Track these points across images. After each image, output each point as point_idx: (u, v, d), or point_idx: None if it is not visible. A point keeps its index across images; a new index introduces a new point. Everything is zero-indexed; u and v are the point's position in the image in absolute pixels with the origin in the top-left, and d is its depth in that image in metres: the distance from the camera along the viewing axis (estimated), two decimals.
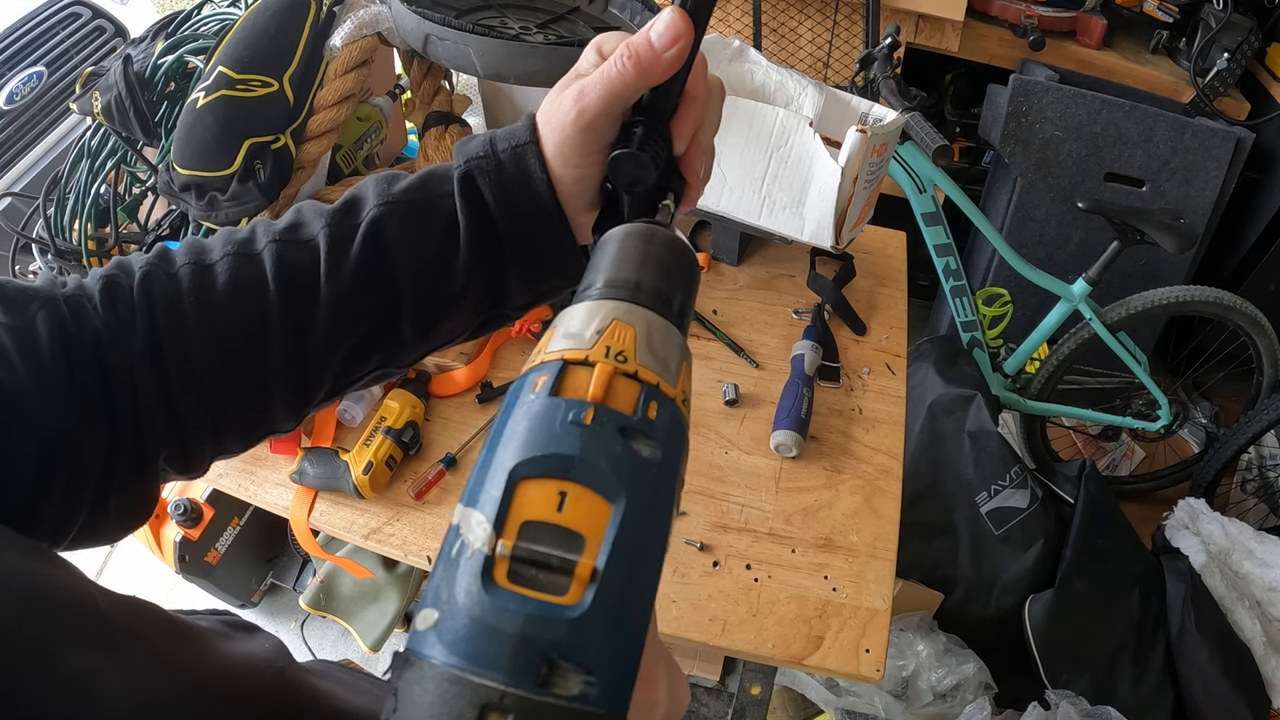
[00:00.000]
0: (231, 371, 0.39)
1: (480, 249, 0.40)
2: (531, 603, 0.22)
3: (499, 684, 0.21)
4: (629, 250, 0.31)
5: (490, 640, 0.21)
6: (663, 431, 0.26)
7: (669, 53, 0.36)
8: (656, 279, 0.30)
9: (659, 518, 0.25)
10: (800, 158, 0.98)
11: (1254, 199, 1.88)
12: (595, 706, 0.22)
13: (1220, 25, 1.73)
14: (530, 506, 0.23)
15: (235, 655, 0.34)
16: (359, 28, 0.94)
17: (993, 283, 1.94)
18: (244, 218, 0.91)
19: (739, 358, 1.06)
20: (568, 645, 0.22)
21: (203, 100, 0.86)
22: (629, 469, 0.24)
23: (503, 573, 0.22)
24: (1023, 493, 1.44)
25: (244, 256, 0.39)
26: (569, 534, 0.23)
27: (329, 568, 1.50)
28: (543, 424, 0.24)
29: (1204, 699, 1.36)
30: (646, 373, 0.26)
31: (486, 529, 0.23)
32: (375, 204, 0.40)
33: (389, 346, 0.42)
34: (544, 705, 0.21)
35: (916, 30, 1.83)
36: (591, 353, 0.26)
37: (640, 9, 1.09)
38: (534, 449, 0.24)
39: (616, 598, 0.23)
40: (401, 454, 0.92)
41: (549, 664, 0.21)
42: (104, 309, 0.37)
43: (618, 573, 0.23)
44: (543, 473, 0.24)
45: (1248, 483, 1.93)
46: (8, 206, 1.17)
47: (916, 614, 1.44)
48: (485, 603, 0.22)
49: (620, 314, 0.28)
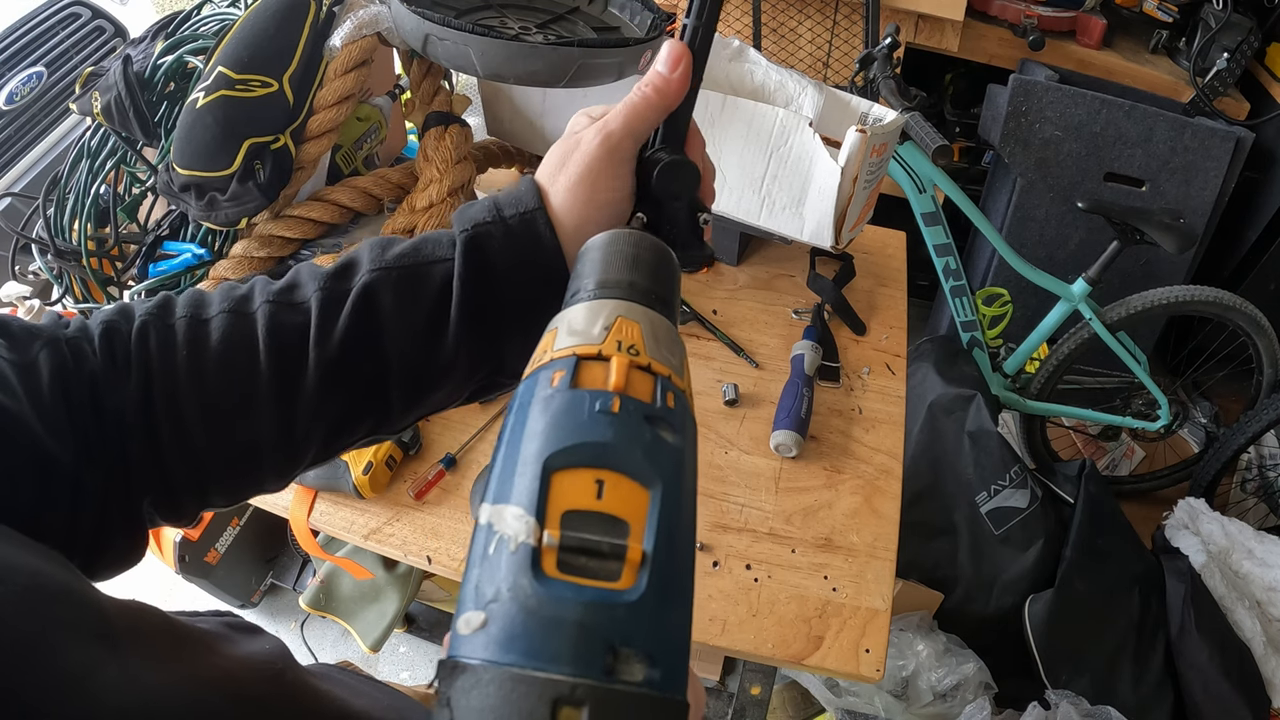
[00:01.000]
0: (219, 429, 0.39)
1: (474, 316, 0.40)
2: (588, 590, 0.22)
3: (568, 676, 0.20)
4: (616, 253, 0.31)
5: (551, 633, 0.21)
6: (680, 420, 0.26)
7: (676, 73, 0.39)
8: (648, 278, 0.31)
9: (690, 502, 0.25)
10: (800, 158, 0.98)
11: (1254, 199, 1.88)
12: (661, 691, 0.21)
13: (1220, 25, 1.73)
14: (570, 495, 0.23)
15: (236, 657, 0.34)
16: (359, 28, 0.94)
17: (992, 283, 1.94)
18: (243, 218, 0.91)
19: (739, 358, 1.06)
20: (629, 631, 0.21)
21: (202, 100, 0.86)
22: (659, 454, 0.24)
23: (552, 563, 0.22)
24: (1023, 493, 1.44)
25: (238, 315, 0.39)
26: (613, 520, 0.23)
27: (329, 568, 1.50)
28: (569, 415, 0.24)
29: (1204, 699, 1.36)
30: (659, 365, 0.27)
31: (527, 521, 0.22)
32: (368, 269, 0.40)
33: (378, 414, 0.42)
34: (615, 693, 0.20)
35: (916, 30, 1.83)
36: (604, 347, 0.27)
37: (640, 9, 1.09)
38: (565, 439, 0.24)
39: (667, 581, 0.23)
40: (401, 454, 0.92)
41: (613, 651, 0.21)
42: (102, 354, 0.38)
43: (665, 556, 0.23)
44: (577, 462, 0.23)
45: (1248, 482, 1.93)
46: (8, 206, 1.17)
47: (916, 614, 1.44)
48: (540, 594, 0.21)
49: (623, 311, 0.28)
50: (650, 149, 0.41)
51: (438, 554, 0.86)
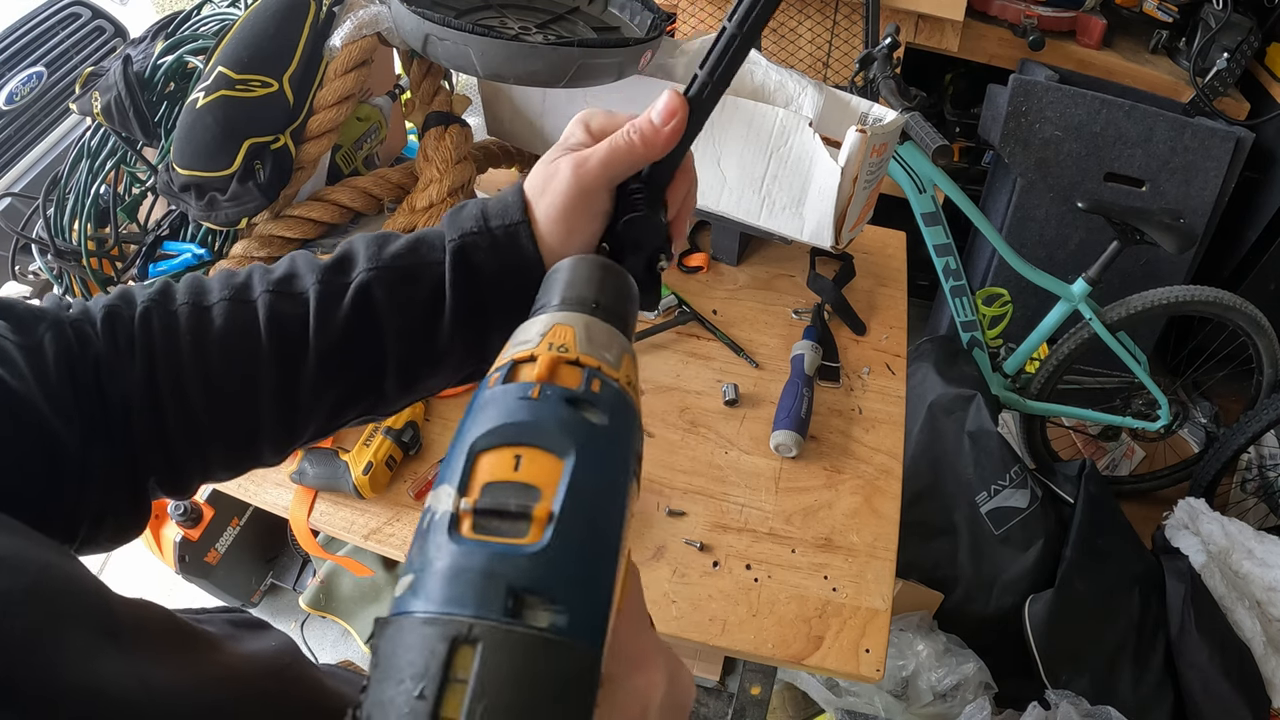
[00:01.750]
0: (222, 412, 0.40)
1: (464, 317, 0.42)
2: (494, 545, 0.24)
3: (467, 617, 0.22)
4: (570, 271, 0.35)
5: (457, 581, 0.23)
6: (607, 403, 0.28)
7: (668, 127, 0.40)
8: (595, 291, 0.34)
9: (612, 475, 0.27)
10: (800, 158, 0.98)
11: (1254, 199, 1.88)
12: (566, 635, 0.23)
13: (1220, 25, 1.73)
14: (489, 470, 0.25)
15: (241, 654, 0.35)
16: (359, 28, 0.94)
17: (992, 283, 1.94)
18: (243, 218, 0.91)
19: (739, 358, 1.06)
20: (531, 578, 0.23)
21: (202, 100, 0.86)
22: (577, 430, 0.26)
23: (468, 526, 0.24)
24: (1023, 493, 1.44)
25: (240, 303, 0.41)
26: (526, 488, 0.25)
27: (329, 568, 1.50)
28: (497, 404, 0.27)
29: (1204, 699, 1.36)
30: (587, 359, 0.29)
31: (452, 494, 0.25)
32: (365, 267, 0.42)
33: (373, 399, 0.44)
34: (512, 634, 0.22)
35: (916, 30, 1.83)
36: (536, 349, 0.29)
37: (640, 9, 1.09)
38: (490, 424, 0.26)
39: (575, 536, 0.24)
40: (401, 454, 0.92)
41: (515, 597, 0.22)
42: (104, 337, 0.39)
43: (574, 515, 0.25)
44: (498, 442, 0.26)
45: (1248, 482, 1.93)
46: (8, 206, 1.17)
47: (916, 614, 1.44)
48: (452, 549, 0.23)
49: (560, 319, 0.31)
50: (634, 185, 0.42)
51: None
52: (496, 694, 0.21)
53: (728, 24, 0.39)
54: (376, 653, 0.23)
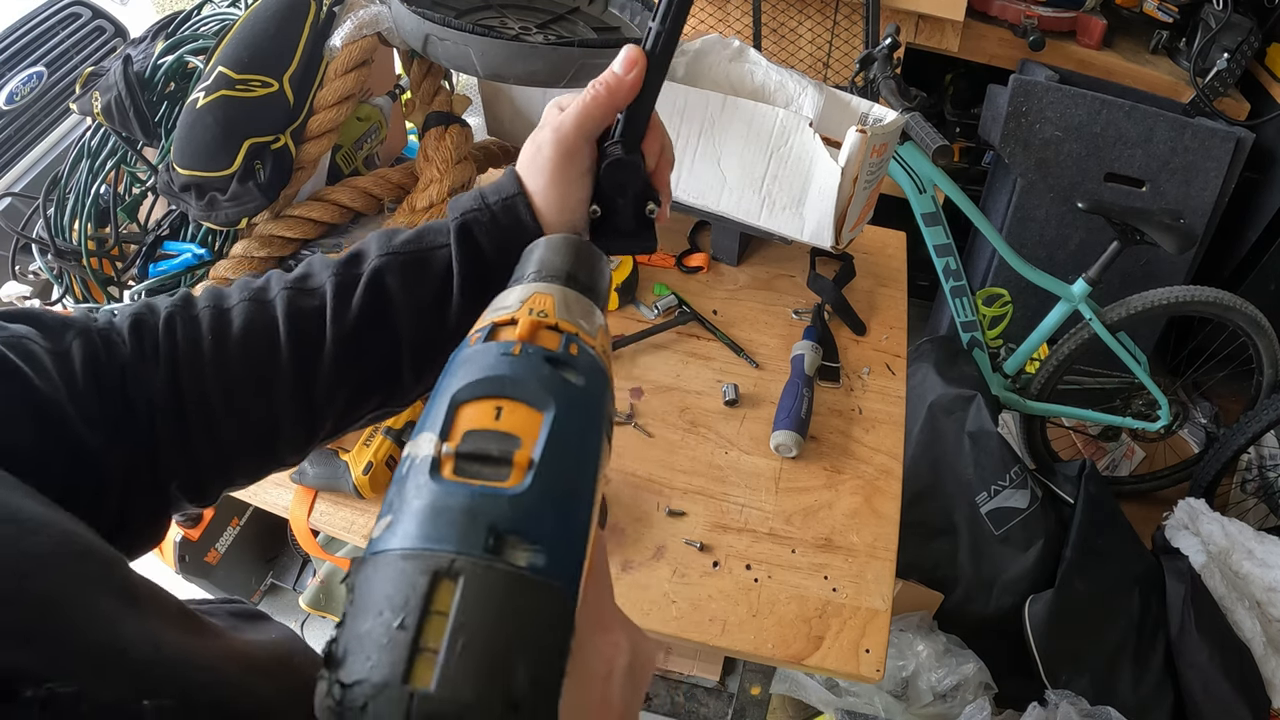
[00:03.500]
0: (243, 410, 0.42)
1: (473, 294, 0.44)
2: (476, 487, 0.24)
3: (448, 552, 0.22)
4: (545, 247, 0.37)
5: (439, 519, 0.23)
6: (584, 366, 0.29)
7: (629, 76, 0.43)
8: (571, 265, 0.35)
9: (588, 430, 0.28)
10: (800, 158, 0.98)
11: (1254, 199, 1.88)
12: (544, 576, 0.23)
13: (1220, 25, 1.73)
14: (471, 419, 0.26)
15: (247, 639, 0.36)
16: (359, 28, 0.94)
17: (993, 283, 1.94)
18: (243, 218, 0.91)
19: (739, 358, 1.06)
20: (512, 518, 0.24)
21: (203, 100, 0.86)
22: (556, 387, 0.28)
23: (449, 469, 0.25)
24: (1023, 493, 1.44)
25: (258, 303, 0.43)
26: (507, 436, 0.26)
27: (329, 568, 1.50)
28: (478, 360, 0.28)
29: (1204, 699, 1.36)
30: (566, 324, 0.31)
31: (433, 440, 0.26)
32: (377, 255, 0.44)
33: (389, 388, 0.45)
34: (493, 570, 0.22)
35: (916, 30, 1.83)
36: (517, 314, 0.31)
37: (640, 9, 1.09)
38: (471, 377, 0.27)
39: (554, 482, 0.25)
40: (401, 454, 0.92)
41: (496, 536, 0.23)
42: (131, 344, 0.40)
43: (553, 463, 0.26)
44: (481, 394, 0.27)
45: (1248, 483, 1.93)
46: (8, 206, 1.17)
47: (916, 614, 1.44)
48: (434, 489, 0.24)
49: (539, 289, 0.33)
50: (610, 140, 0.45)
51: None
52: (477, 627, 0.21)
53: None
54: (352, 590, 0.23)
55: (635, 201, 0.45)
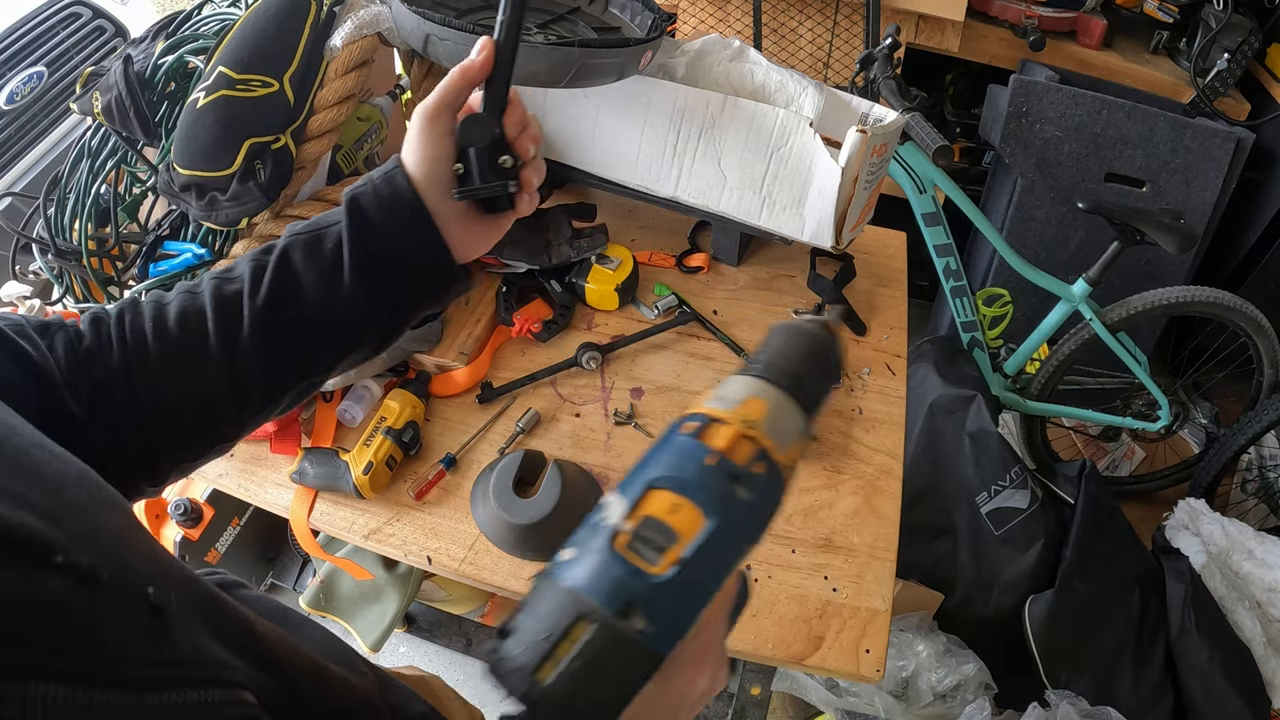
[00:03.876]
0: (182, 387, 0.49)
1: (361, 259, 0.50)
2: (634, 566, 0.33)
3: (594, 605, 0.32)
4: (786, 335, 0.42)
5: (598, 578, 0.33)
6: (760, 485, 0.36)
7: (479, 57, 0.51)
8: (802, 367, 0.40)
9: (736, 543, 0.36)
10: (800, 158, 0.98)
11: (1254, 199, 1.88)
12: (648, 645, 0.33)
13: (1220, 26, 1.73)
14: (653, 505, 0.35)
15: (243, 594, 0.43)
16: (359, 28, 0.94)
17: (993, 283, 1.94)
18: (244, 218, 0.91)
19: (739, 358, 1.06)
20: (644, 598, 0.33)
21: (203, 100, 0.86)
22: (726, 502, 0.35)
23: (623, 542, 0.34)
24: (1023, 493, 1.44)
25: (190, 294, 0.50)
26: (672, 531, 0.34)
27: (329, 568, 1.50)
28: (680, 456, 0.36)
29: (1204, 699, 1.36)
30: (764, 439, 0.37)
31: (622, 511, 0.35)
32: (285, 238, 0.52)
33: (302, 358, 0.52)
34: (616, 628, 0.32)
35: (917, 30, 1.83)
36: (730, 415, 0.37)
37: (641, 9, 1.09)
38: (668, 470, 0.36)
39: (688, 581, 0.34)
40: (401, 454, 0.92)
41: (629, 606, 0.33)
42: (90, 335, 0.48)
43: (695, 566, 0.34)
44: (668, 487, 0.35)
45: (1248, 483, 1.93)
46: (8, 206, 1.17)
47: (916, 614, 1.44)
48: (606, 556, 0.34)
49: (759, 391, 0.39)
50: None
51: (438, 554, 0.86)
52: (587, 659, 0.32)
53: None
54: (534, 590, 0.35)
55: (489, 153, 0.51)
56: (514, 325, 1.06)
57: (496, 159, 0.52)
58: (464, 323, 1.05)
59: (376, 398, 0.99)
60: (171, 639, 0.30)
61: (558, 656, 0.32)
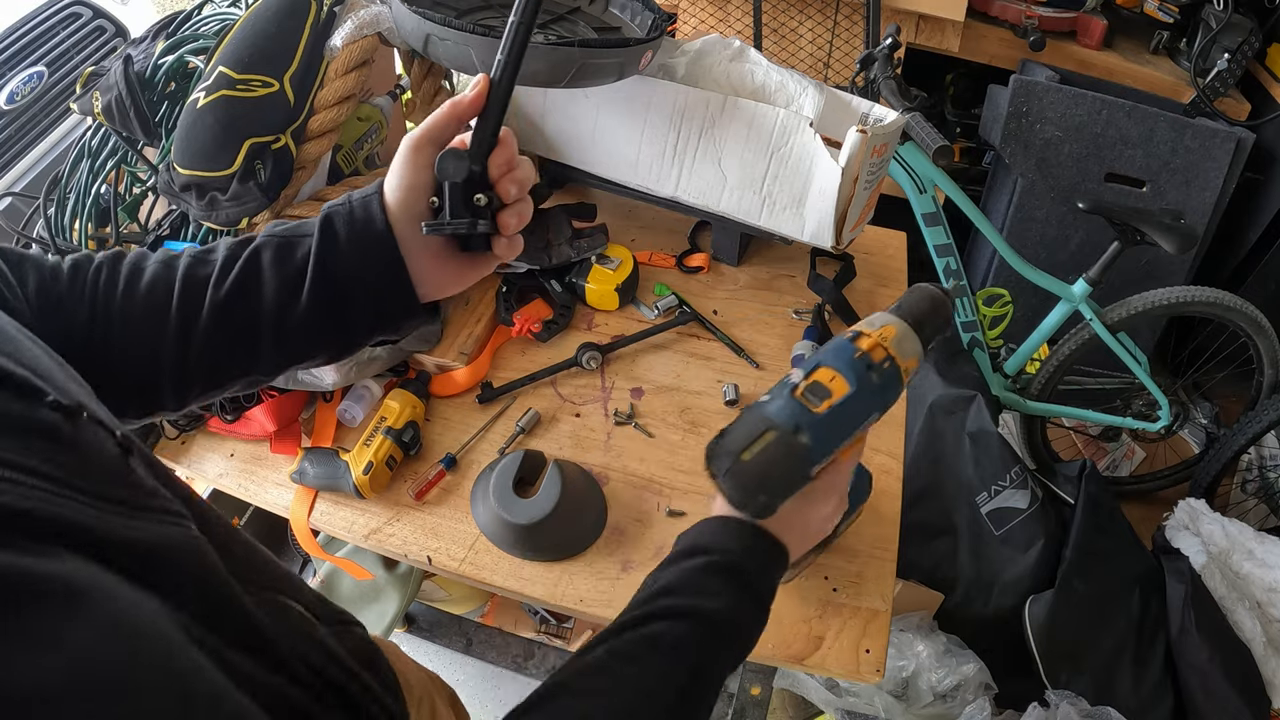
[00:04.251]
0: (134, 351, 0.50)
1: (321, 276, 0.51)
2: (804, 405, 0.52)
3: (779, 422, 0.52)
4: (918, 295, 0.59)
5: (782, 410, 0.52)
6: (886, 374, 0.54)
7: (471, 93, 0.51)
8: (923, 315, 0.58)
9: (867, 407, 0.54)
10: (800, 158, 0.98)
11: (1254, 199, 1.88)
12: (807, 454, 0.52)
13: (1221, 26, 1.73)
14: (819, 375, 0.53)
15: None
16: (359, 28, 0.94)
17: (993, 283, 1.94)
18: (244, 218, 0.91)
19: (739, 358, 1.06)
20: (809, 424, 0.52)
21: (203, 100, 0.86)
22: (863, 379, 0.53)
23: (799, 392, 0.53)
24: (1023, 493, 1.44)
25: (166, 265, 0.52)
26: (828, 390, 0.53)
27: (329, 567, 1.50)
28: (840, 350, 0.55)
29: (1204, 699, 1.36)
30: (892, 349, 0.55)
31: (800, 376, 0.54)
32: (263, 236, 0.53)
33: (250, 354, 0.53)
34: (790, 438, 0.51)
35: (917, 30, 1.83)
36: (873, 333, 0.56)
37: (641, 9, 1.09)
38: (827, 359, 0.54)
39: (834, 421, 0.53)
40: (402, 454, 0.92)
41: (798, 427, 0.51)
42: (67, 280, 0.50)
43: (839, 412, 0.53)
44: (830, 365, 0.54)
45: (1248, 483, 1.93)
46: (8, 206, 1.17)
47: (916, 614, 1.44)
48: (788, 398, 0.53)
49: (892, 321, 0.57)
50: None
51: (438, 554, 0.86)
52: (770, 453, 0.51)
53: (513, 18, 0.51)
54: (741, 416, 0.54)
55: (464, 189, 0.51)
56: (514, 325, 1.06)
57: (471, 196, 0.51)
58: (464, 323, 1.05)
59: (376, 398, 0.99)
60: (137, 475, 0.35)
61: (753, 448, 0.51)
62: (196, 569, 0.35)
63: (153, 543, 0.33)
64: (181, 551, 0.34)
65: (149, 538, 0.32)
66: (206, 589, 0.35)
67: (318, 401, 1.00)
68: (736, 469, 0.51)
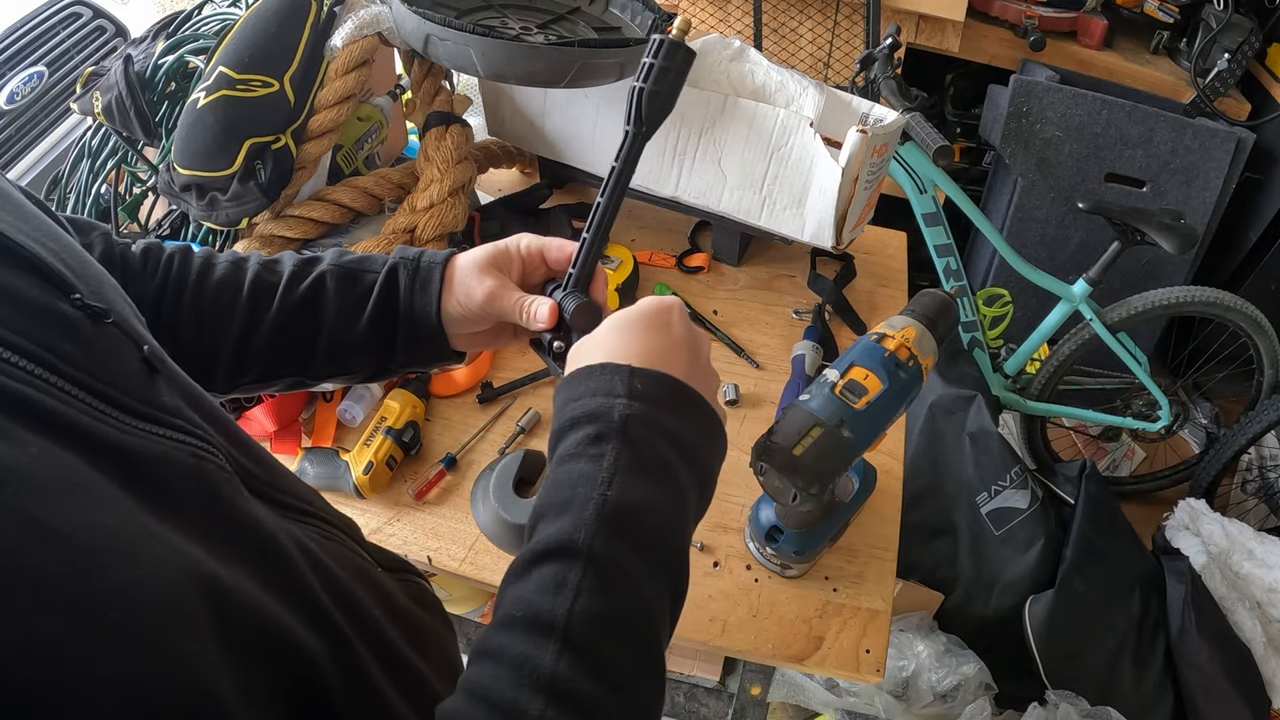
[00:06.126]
0: (199, 338, 0.54)
1: (379, 317, 0.57)
2: (844, 402, 0.61)
3: (824, 419, 0.61)
4: (930, 299, 0.68)
5: (826, 407, 0.61)
6: (910, 372, 0.63)
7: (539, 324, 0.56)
8: (936, 315, 0.66)
9: (897, 401, 0.63)
10: (801, 158, 0.98)
11: (1254, 199, 1.88)
12: (850, 445, 0.61)
13: (1221, 26, 1.73)
14: (854, 374, 0.62)
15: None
16: (359, 28, 0.94)
17: (993, 283, 1.94)
18: (244, 218, 0.91)
19: (739, 358, 1.06)
20: (850, 418, 0.61)
21: (203, 100, 0.86)
22: (893, 377, 0.62)
23: (838, 390, 0.61)
24: (1023, 493, 1.44)
25: (236, 266, 0.57)
26: (864, 388, 0.61)
27: None
28: (869, 351, 0.63)
29: (1204, 699, 1.36)
30: (914, 349, 0.63)
31: (836, 375, 0.62)
32: (329, 263, 0.58)
33: (303, 361, 0.58)
34: (835, 432, 0.61)
35: (917, 30, 1.83)
36: (896, 335, 0.64)
37: (641, 9, 1.09)
38: (857, 359, 0.63)
39: (872, 415, 0.61)
40: (402, 454, 0.92)
41: (841, 421, 0.60)
42: (138, 261, 0.54)
43: (876, 407, 0.61)
44: (863, 364, 0.62)
45: (1248, 483, 1.93)
46: None
47: (916, 614, 1.44)
48: (829, 395, 0.62)
49: (911, 324, 0.65)
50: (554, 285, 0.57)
51: (438, 554, 0.86)
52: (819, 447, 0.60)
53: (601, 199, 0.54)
54: (786, 414, 0.61)
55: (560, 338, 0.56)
56: None
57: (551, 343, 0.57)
58: None
59: (376, 398, 0.99)
60: (158, 390, 0.35)
61: (804, 444, 0.59)
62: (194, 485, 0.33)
63: (153, 454, 0.32)
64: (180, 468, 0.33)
65: (147, 448, 0.32)
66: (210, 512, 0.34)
67: (318, 401, 1.00)
68: (792, 463, 0.59)
